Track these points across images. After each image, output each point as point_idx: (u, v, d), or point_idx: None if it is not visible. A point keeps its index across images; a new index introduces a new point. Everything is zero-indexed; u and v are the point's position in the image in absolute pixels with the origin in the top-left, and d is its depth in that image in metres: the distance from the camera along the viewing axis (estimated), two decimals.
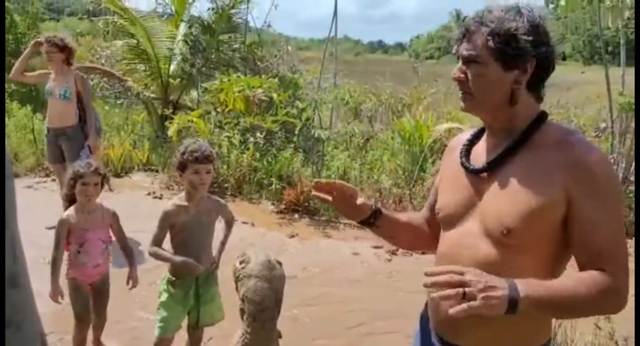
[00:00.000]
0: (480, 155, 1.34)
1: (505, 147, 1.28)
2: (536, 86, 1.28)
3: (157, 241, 2.48)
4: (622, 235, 1.25)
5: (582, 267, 1.22)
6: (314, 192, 1.50)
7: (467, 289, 1.09)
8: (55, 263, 2.52)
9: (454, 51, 1.33)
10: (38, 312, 0.56)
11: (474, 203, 1.31)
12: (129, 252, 2.78)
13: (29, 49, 4.74)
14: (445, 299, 1.12)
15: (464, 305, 1.08)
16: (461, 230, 1.33)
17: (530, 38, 1.21)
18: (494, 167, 1.28)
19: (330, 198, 1.49)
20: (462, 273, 1.12)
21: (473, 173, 1.32)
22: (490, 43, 1.22)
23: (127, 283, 2.77)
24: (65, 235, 2.56)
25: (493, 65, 1.23)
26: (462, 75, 1.28)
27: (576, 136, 1.26)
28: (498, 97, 1.26)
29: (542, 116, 1.30)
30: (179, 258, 2.45)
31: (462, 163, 1.35)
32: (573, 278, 1.20)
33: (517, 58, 1.22)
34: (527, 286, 1.13)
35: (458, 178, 1.36)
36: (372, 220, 1.52)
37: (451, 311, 1.10)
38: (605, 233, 1.20)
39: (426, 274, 1.15)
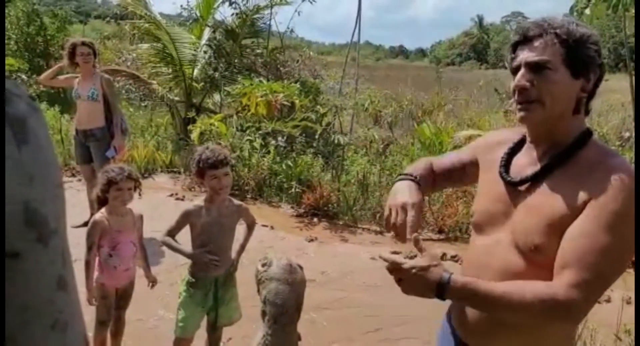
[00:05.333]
0: (519, 167, 1.31)
1: (546, 163, 1.25)
2: (590, 98, 1.25)
3: (170, 232, 2.53)
4: (606, 260, 1.12)
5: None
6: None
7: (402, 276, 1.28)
8: (88, 266, 2.56)
9: (509, 59, 1.27)
10: (83, 315, 0.59)
11: (507, 214, 1.29)
12: (144, 254, 2.84)
13: (58, 66, 4.92)
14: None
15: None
16: (492, 238, 1.32)
17: (597, 47, 1.20)
18: (530, 181, 1.26)
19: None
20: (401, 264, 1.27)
21: (510, 184, 1.30)
22: (562, 49, 1.18)
23: (148, 284, 2.83)
24: (98, 236, 2.59)
25: (563, 72, 1.19)
26: (529, 84, 1.21)
27: (616, 159, 1.20)
28: (566, 105, 1.22)
29: (587, 133, 1.26)
30: (188, 251, 2.51)
31: (500, 174, 1.33)
32: (517, 283, 1.19)
33: (586, 66, 1.20)
34: (456, 286, 1.20)
35: (495, 186, 1.34)
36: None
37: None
38: (584, 248, 1.12)
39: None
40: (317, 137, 6.76)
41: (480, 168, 1.45)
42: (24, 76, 10.27)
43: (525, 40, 1.23)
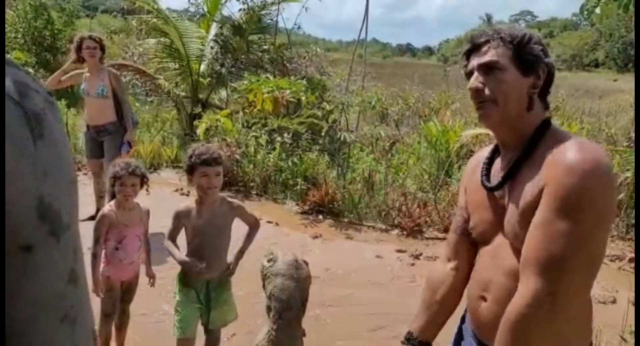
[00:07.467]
0: (497, 172, 1.38)
1: (512, 162, 1.31)
2: (544, 94, 1.32)
3: (170, 236, 2.50)
4: (563, 244, 1.13)
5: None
6: None
7: None
8: (95, 258, 2.58)
9: (463, 66, 1.37)
10: (92, 309, 0.59)
11: (498, 220, 1.35)
12: (148, 248, 2.86)
13: (67, 66, 4.85)
14: None
15: None
16: (495, 244, 1.38)
17: (541, 47, 1.28)
18: (505, 183, 1.32)
19: None
20: None
21: (491, 191, 1.36)
22: (508, 50, 1.27)
23: (149, 282, 2.84)
24: (105, 229, 2.63)
25: (512, 71, 1.27)
26: (481, 85, 1.29)
27: (572, 141, 1.21)
28: (519, 103, 1.28)
29: (545, 123, 1.30)
30: (180, 257, 2.43)
31: (482, 182, 1.39)
32: (502, 325, 1.21)
33: (533, 63, 1.27)
34: None
35: (482, 197, 1.40)
36: None
37: None
38: (538, 239, 1.16)
39: None
40: (323, 134, 6.76)
41: (468, 189, 1.50)
42: (30, 70, 10.31)
43: (475, 47, 1.33)
